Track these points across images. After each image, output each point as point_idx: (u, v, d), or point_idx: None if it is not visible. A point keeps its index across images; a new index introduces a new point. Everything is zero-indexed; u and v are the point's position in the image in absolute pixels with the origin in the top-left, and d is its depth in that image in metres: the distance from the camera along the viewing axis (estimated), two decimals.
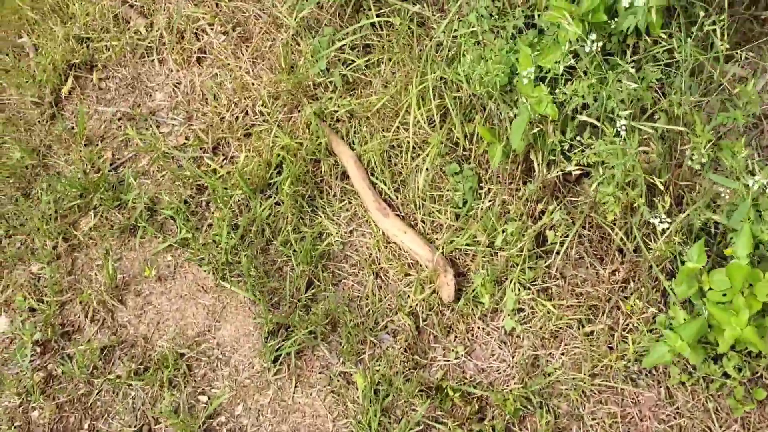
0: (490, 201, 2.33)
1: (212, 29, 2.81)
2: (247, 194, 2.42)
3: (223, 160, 2.58)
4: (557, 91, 2.05)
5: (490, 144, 2.26)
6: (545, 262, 2.25)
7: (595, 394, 2.08)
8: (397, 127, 2.45)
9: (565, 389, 2.09)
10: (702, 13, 1.88)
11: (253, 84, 2.67)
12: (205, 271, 2.35)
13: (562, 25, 2.04)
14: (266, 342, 2.20)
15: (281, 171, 2.49)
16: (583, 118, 1.98)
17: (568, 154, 2.15)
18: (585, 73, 2.02)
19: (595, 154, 1.98)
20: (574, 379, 2.09)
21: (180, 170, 2.54)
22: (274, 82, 2.63)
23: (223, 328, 2.28)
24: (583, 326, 2.15)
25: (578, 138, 2.06)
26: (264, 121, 2.60)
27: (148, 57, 2.85)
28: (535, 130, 2.15)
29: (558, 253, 2.23)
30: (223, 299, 2.33)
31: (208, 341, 2.27)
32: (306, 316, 2.22)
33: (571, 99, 2.04)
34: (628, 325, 2.12)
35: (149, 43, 2.83)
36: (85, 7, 2.92)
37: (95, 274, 2.42)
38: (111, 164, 2.64)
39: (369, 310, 2.26)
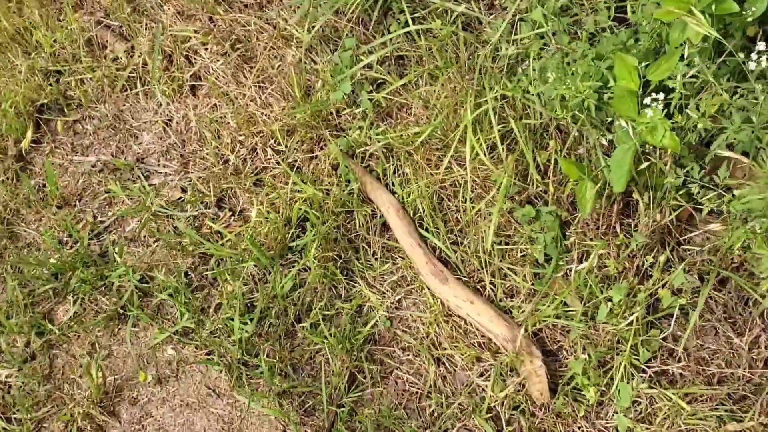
0: (581, 255, 1.77)
1: (206, 50, 2.26)
2: (263, 264, 1.88)
3: (231, 217, 2.04)
4: (675, 113, 1.48)
5: (578, 182, 1.69)
6: (660, 333, 1.69)
7: None
8: (449, 164, 1.89)
9: None
10: None
11: (261, 115, 2.13)
12: (216, 369, 1.82)
13: (675, 24, 1.47)
14: None
15: (304, 229, 1.94)
16: (725, 153, 1.41)
17: (694, 195, 1.58)
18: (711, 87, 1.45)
19: (743, 202, 1.41)
20: None
21: (177, 236, 2.01)
22: (287, 113, 2.08)
23: None
24: (724, 423, 1.59)
25: (711, 176, 1.50)
26: (278, 163, 2.06)
27: (131, 90, 2.31)
28: (644, 164, 1.58)
29: (678, 318, 1.67)
30: (241, 406, 1.80)
31: None
32: (352, 428, 1.68)
33: (696, 126, 1.47)
34: None
35: (131, 72, 2.29)
36: (52, 32, 2.39)
37: (79, 378, 1.90)
38: (91, 231, 2.11)
39: (433, 412, 1.72)
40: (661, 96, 1.42)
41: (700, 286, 1.65)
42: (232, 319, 1.82)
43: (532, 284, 1.79)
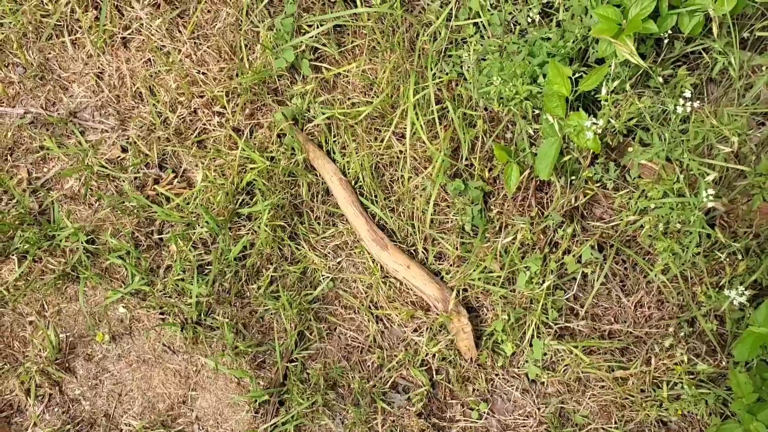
0: (501, 225, 2.02)
1: (138, 1, 2.22)
2: (212, 229, 1.99)
3: (175, 178, 2.11)
4: (600, 118, 1.72)
5: (506, 165, 1.92)
6: (564, 294, 1.99)
7: None
8: (389, 138, 2.05)
9: None
10: None
11: (199, 74, 2.16)
12: (170, 328, 1.95)
13: (603, 39, 1.68)
14: (257, 413, 1.87)
15: (251, 194, 2.06)
16: (641, 160, 1.67)
17: (607, 187, 1.86)
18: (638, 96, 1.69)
19: (648, 198, 1.70)
20: (604, 429, 1.91)
21: (120, 196, 2.06)
22: (227, 74, 2.13)
23: (201, 397, 1.93)
24: (613, 370, 1.94)
25: (623, 175, 1.77)
26: (220, 126, 2.12)
27: (57, 38, 2.24)
28: (567, 158, 1.82)
29: (579, 282, 1.98)
30: (196, 361, 1.95)
31: (185, 415, 1.91)
32: (302, 379, 1.89)
33: (617, 130, 1.72)
34: (660, 366, 1.93)
35: (57, 20, 2.22)
36: None
37: (30, 337, 1.96)
38: (29, 186, 2.10)
39: (374, 364, 1.96)
40: (600, 123, 1.64)
41: (599, 257, 1.95)
42: (184, 280, 1.94)
43: (458, 249, 2.03)
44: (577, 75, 1.73)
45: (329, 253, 2.05)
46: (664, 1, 1.69)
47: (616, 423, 1.92)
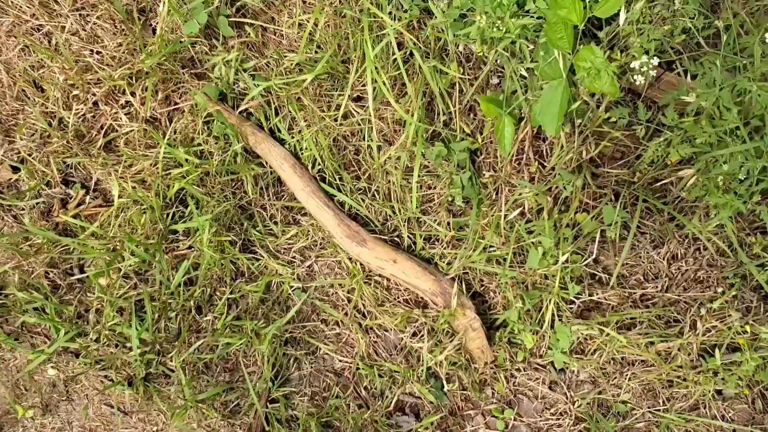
0: (497, 190, 1.64)
1: None
2: (143, 258, 1.58)
3: (86, 195, 1.68)
4: (616, 53, 1.31)
5: (497, 120, 1.52)
6: (582, 259, 1.64)
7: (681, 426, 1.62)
8: (346, 106, 1.62)
9: (645, 427, 1.62)
10: None
11: (92, 55, 1.69)
12: (117, 383, 1.57)
13: None
14: None
15: (184, 202, 1.64)
16: (688, 98, 1.27)
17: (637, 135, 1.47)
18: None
19: (692, 145, 1.32)
20: (652, 413, 1.62)
21: (24, 232, 1.63)
22: (128, 50, 1.66)
23: None
24: (653, 344, 1.63)
25: (656, 117, 1.38)
26: (129, 117, 1.68)
27: None
28: (576, 105, 1.43)
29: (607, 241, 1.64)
30: (155, 419, 1.59)
31: None
32: (288, 419, 1.55)
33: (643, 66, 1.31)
34: (710, 330, 1.62)
35: None
36: None
37: None
38: None
39: (370, 385, 1.62)
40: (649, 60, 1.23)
41: (625, 215, 1.59)
42: (121, 324, 1.55)
43: (450, 229, 1.65)
44: None
45: (295, 258, 1.67)
46: None
47: (664, 403, 1.63)
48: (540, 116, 1.40)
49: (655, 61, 1.20)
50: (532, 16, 1.38)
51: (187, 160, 1.57)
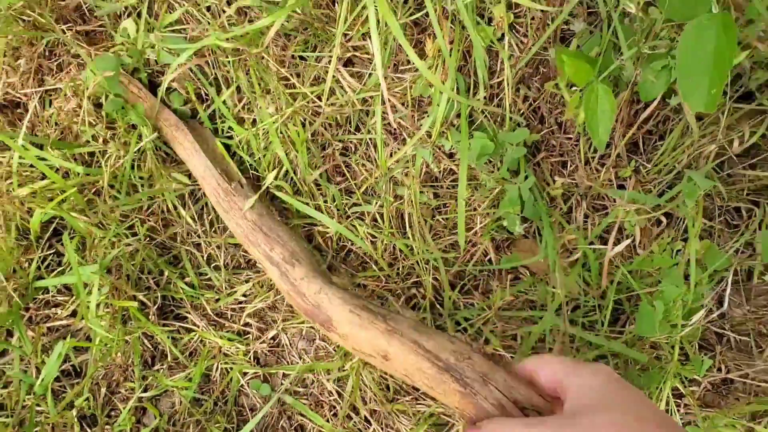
0: (572, 207, 1.03)
1: None
2: None
3: None
4: None
5: (586, 90, 0.89)
6: (704, 313, 1.02)
7: None
8: (333, 75, 0.98)
9: None
10: None
11: None
12: None
13: None
14: None
15: (58, 234, 0.98)
16: None
17: None
18: None
19: None
20: None
21: None
22: None
23: None
24: None
25: None
26: None
27: None
28: (745, 54, 0.81)
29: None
30: None
31: None
32: None
33: None
34: None
35: None
36: None
37: None
38: None
39: None
40: None
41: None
42: None
43: (495, 269, 1.03)
44: None
45: (250, 326, 1.02)
46: None
47: None
48: (681, 81, 0.78)
49: None
50: None
51: (58, 170, 0.92)
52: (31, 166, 0.94)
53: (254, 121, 1.02)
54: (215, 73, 1.03)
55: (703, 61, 0.75)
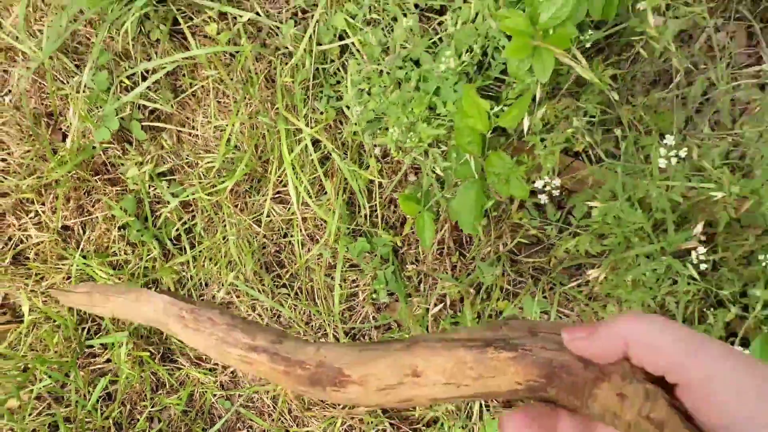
0: (419, 282, 1.65)
1: None
2: (56, 378, 1.50)
3: None
4: (526, 155, 1.35)
5: (417, 217, 1.53)
6: None
7: None
8: (262, 204, 1.61)
9: None
10: None
11: None
12: None
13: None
14: None
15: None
16: (592, 203, 1.31)
17: (546, 231, 1.51)
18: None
19: (601, 244, 1.36)
20: None
21: None
22: (36, 157, 1.62)
23: None
24: None
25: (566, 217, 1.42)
26: (39, 227, 1.62)
27: None
28: (490, 202, 1.45)
29: None
30: None
31: None
32: None
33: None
34: None
35: None
36: None
37: None
38: None
39: None
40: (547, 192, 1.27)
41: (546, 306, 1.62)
42: None
43: (375, 319, 1.64)
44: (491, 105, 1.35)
45: (217, 365, 1.62)
46: None
47: None
48: (456, 214, 1.42)
49: (557, 181, 1.24)
50: (443, 123, 1.41)
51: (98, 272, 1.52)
52: (79, 268, 1.53)
53: (224, 239, 1.63)
54: (194, 207, 1.64)
55: (468, 204, 1.38)
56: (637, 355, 0.41)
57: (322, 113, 1.56)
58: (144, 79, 1.60)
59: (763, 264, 1.17)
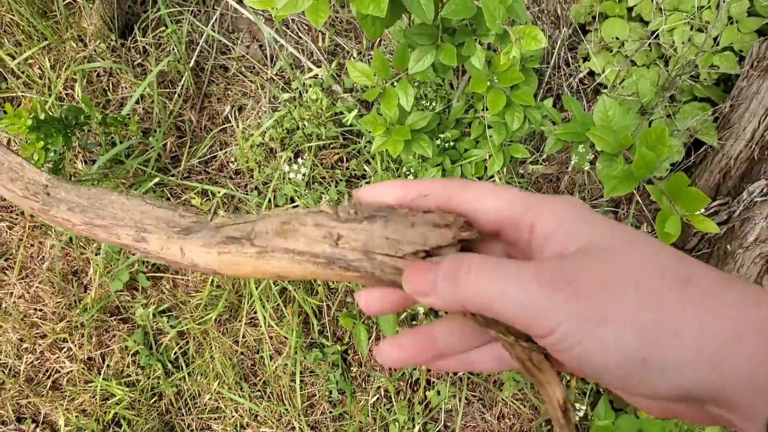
0: (367, 381, 2.16)
1: None
2: None
3: (36, 428, 2.08)
4: None
5: (354, 329, 2.07)
6: (436, 425, 2.15)
7: None
8: (239, 328, 2.14)
9: None
10: None
11: (35, 312, 2.16)
12: None
13: None
14: None
15: (118, 424, 2.07)
16: None
17: None
18: None
19: None
20: None
21: None
22: (66, 306, 2.15)
23: None
24: None
25: None
26: (70, 359, 2.13)
27: None
28: (404, 314, 2.00)
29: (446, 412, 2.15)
30: None
31: None
32: None
33: None
34: None
35: None
36: None
37: None
38: None
39: None
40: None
41: (455, 391, 2.13)
42: None
43: (331, 412, 2.14)
44: None
45: None
46: None
47: None
48: (382, 325, 1.96)
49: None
50: None
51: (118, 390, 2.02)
52: (102, 388, 2.03)
53: (210, 357, 2.15)
54: (188, 336, 2.16)
55: (390, 327, 1.92)
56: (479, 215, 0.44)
57: None
58: None
59: None
